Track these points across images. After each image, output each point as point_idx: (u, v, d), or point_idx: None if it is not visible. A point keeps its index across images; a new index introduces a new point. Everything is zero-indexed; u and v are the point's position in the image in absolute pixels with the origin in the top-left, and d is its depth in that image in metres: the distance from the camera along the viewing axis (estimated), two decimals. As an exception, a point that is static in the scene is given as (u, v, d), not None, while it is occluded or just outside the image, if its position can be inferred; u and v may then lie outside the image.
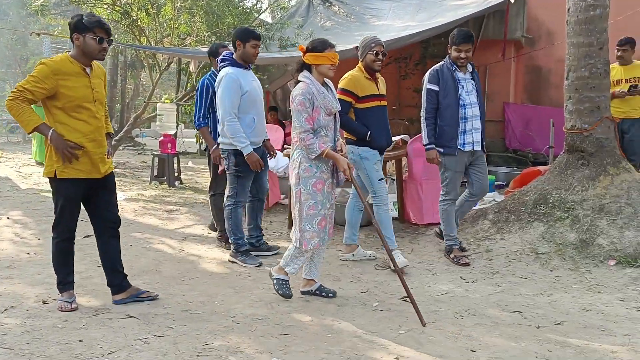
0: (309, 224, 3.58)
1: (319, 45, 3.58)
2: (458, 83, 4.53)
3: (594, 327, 3.35)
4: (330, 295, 3.79)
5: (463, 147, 4.56)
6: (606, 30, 4.92)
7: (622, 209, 4.65)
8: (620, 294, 3.90)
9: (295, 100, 3.52)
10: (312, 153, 3.51)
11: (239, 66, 4.49)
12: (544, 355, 2.95)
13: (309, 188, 3.56)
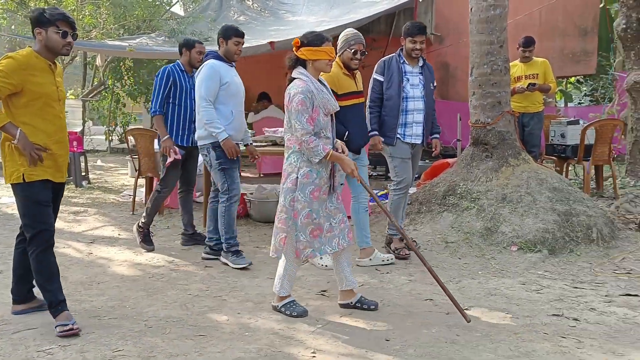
0: (303, 234, 3.31)
1: (315, 39, 3.32)
2: (404, 75, 4.53)
3: (498, 310, 3.53)
4: (372, 307, 3.50)
5: (403, 138, 4.58)
6: (505, 29, 5.21)
7: (522, 197, 4.95)
8: (521, 278, 4.15)
9: (295, 100, 3.23)
10: (317, 156, 3.23)
11: (223, 61, 4.45)
12: (452, 340, 3.08)
13: (307, 195, 3.29)
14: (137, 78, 9.96)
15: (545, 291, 3.88)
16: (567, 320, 3.38)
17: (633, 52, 6.64)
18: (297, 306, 3.42)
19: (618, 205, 5.93)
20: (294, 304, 3.44)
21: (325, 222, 3.37)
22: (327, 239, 3.38)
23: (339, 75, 4.21)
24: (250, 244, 5.06)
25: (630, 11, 6.52)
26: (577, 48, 10.51)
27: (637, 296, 3.77)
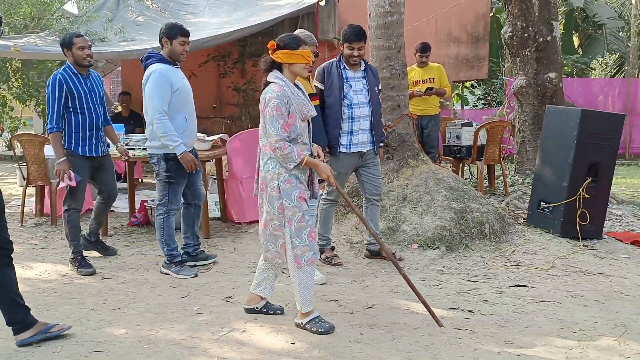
0: (299, 238, 3.20)
1: (292, 41, 3.22)
2: (345, 82, 4.38)
3: (400, 307, 3.65)
4: (278, 312, 3.49)
5: (349, 149, 4.40)
6: (402, 35, 5.39)
7: (422, 197, 5.14)
8: (421, 275, 4.31)
9: (270, 105, 3.12)
10: (291, 162, 3.15)
11: (168, 63, 4.18)
12: (356, 339, 3.13)
13: (294, 200, 3.19)
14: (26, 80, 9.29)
15: (443, 286, 4.05)
16: (462, 312, 3.55)
17: (519, 58, 7.11)
18: (323, 322, 3.24)
19: (508, 202, 6.33)
20: (320, 319, 3.25)
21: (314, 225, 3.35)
22: None
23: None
24: (152, 253, 4.87)
25: (516, 20, 6.97)
26: (471, 54, 11.13)
27: (525, 287, 4.04)
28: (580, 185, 5.10)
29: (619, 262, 4.63)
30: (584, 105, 11.81)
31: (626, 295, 3.89)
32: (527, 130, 7.17)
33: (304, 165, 3.20)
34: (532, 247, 4.95)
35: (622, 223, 6.01)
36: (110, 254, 4.78)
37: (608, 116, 5.48)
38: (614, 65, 18.67)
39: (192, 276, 4.22)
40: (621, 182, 9.22)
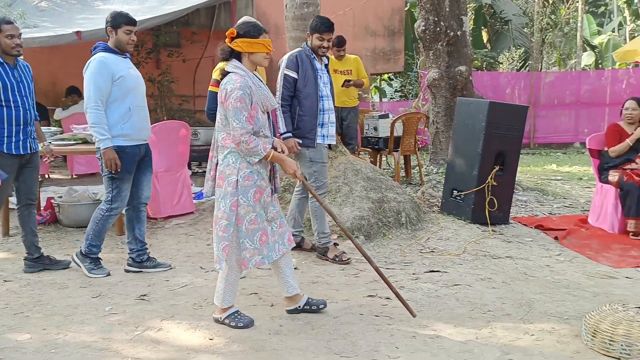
0: (250, 240, 3.07)
1: (252, 29, 3.04)
2: (317, 72, 4.32)
3: (320, 296, 3.66)
4: (321, 307, 3.36)
5: (323, 140, 4.38)
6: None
7: (340, 188, 5.20)
8: (342, 264, 4.36)
9: (233, 96, 2.95)
10: (256, 156, 3.01)
11: (114, 52, 3.92)
12: (276, 331, 3.12)
13: (250, 199, 3.04)
14: None
15: (362, 275, 4.12)
16: (380, 299, 3.63)
17: (431, 51, 7.35)
18: (242, 317, 3.17)
19: (423, 191, 6.54)
20: (239, 314, 3.18)
21: (268, 227, 3.17)
22: (272, 245, 3.18)
23: None
24: (60, 252, 4.61)
25: (428, 14, 7.20)
26: (387, 47, 11.39)
27: (439, 272, 4.19)
28: (488, 174, 5.36)
29: (524, 246, 4.91)
30: (493, 98, 12.43)
31: (530, 276, 4.13)
32: (440, 122, 7.44)
33: (269, 159, 3.09)
34: (446, 233, 5.15)
35: (527, 208, 6.39)
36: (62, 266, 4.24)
37: (513, 108, 5.78)
38: (520, 59, 19.78)
39: (104, 275, 4.03)
40: (526, 170, 9.80)
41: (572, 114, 13.90)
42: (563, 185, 8.28)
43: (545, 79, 13.96)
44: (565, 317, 3.34)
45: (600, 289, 3.86)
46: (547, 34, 18.00)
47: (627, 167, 5.39)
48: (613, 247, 4.94)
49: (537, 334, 3.11)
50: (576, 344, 2.98)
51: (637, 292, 3.81)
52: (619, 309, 2.96)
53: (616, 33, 21.28)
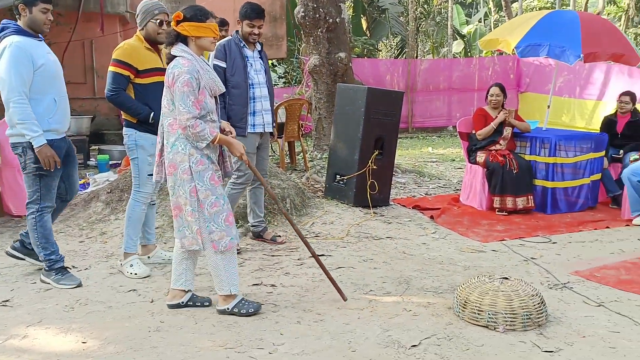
0: (215, 223, 3.04)
1: (199, 13, 3.01)
2: (247, 60, 4.25)
3: (203, 288, 3.57)
4: (206, 304, 3.27)
5: (254, 129, 4.30)
6: (195, 10, 5.21)
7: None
8: (225, 254, 4.28)
9: (180, 80, 2.90)
10: (204, 141, 2.96)
11: (28, 35, 3.39)
12: (156, 327, 2.99)
13: (207, 183, 3.01)
14: None
15: (247, 264, 4.08)
16: (265, 287, 3.61)
17: (312, 37, 7.40)
18: (250, 303, 3.17)
19: (308, 177, 6.61)
20: (246, 301, 3.17)
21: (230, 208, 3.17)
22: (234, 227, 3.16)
23: (139, 49, 3.74)
24: None
25: (307, 0, 7.23)
26: (269, 33, 11.33)
27: (323, 255, 4.25)
28: (369, 158, 5.52)
29: (403, 226, 5.14)
30: (374, 84, 12.85)
31: (409, 254, 4.33)
32: (322, 108, 7.54)
33: (217, 143, 3.05)
34: (330, 217, 5.24)
35: (406, 190, 6.69)
36: None
37: (390, 93, 5.98)
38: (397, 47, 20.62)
39: (75, 286, 3.59)
40: (405, 153, 10.27)
41: (446, 100, 14.74)
42: (438, 166, 8.77)
43: (421, 66, 14.65)
44: (439, 292, 3.54)
45: (470, 263, 4.14)
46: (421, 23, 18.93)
47: (492, 148, 5.81)
48: (482, 223, 5.32)
49: (415, 309, 3.26)
50: (449, 315, 3.16)
51: (502, 264, 4.13)
52: (485, 280, 3.18)
53: (482, 23, 22.88)
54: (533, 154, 5.78)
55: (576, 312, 3.23)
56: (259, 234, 4.62)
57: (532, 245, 4.61)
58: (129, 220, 3.83)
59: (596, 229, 5.13)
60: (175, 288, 3.27)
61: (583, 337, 2.90)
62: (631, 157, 5.63)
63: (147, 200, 3.86)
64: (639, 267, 4.02)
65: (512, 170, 5.54)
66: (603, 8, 20.59)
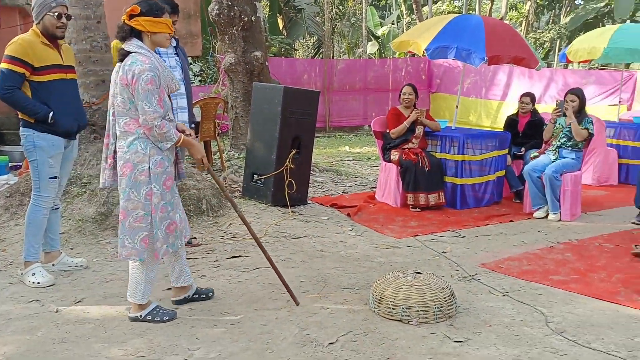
0: (160, 230, 2.95)
1: (155, 8, 2.91)
2: (160, 57, 3.87)
3: (114, 295, 3.43)
4: (210, 295, 3.35)
5: None
6: (102, 4, 4.99)
7: (135, 177, 4.91)
8: (138, 258, 4.12)
9: (143, 78, 2.79)
10: (169, 141, 2.90)
11: None
12: (62, 339, 2.83)
13: (161, 187, 2.93)
14: None
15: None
16: (180, 291, 3.50)
17: (227, 36, 7.30)
18: (165, 311, 3.08)
19: (225, 177, 6.51)
20: (160, 309, 3.08)
21: (176, 215, 3.05)
22: (179, 233, 3.08)
23: (34, 44, 3.46)
24: None
25: (222, -2, 7.12)
26: (183, 30, 11.01)
27: (240, 257, 4.20)
28: (286, 157, 5.52)
29: (320, 224, 5.18)
30: (291, 83, 12.87)
31: (326, 252, 4.37)
32: (239, 107, 7.46)
33: (180, 144, 2.99)
34: (248, 218, 5.18)
35: (324, 189, 6.75)
36: None
37: (306, 93, 6.01)
38: (313, 47, 20.78)
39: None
40: (322, 152, 10.37)
41: (361, 99, 15.04)
42: (354, 165, 8.93)
43: (337, 66, 14.85)
44: (356, 288, 3.60)
45: (385, 259, 4.24)
46: (336, 24, 19.19)
47: (405, 147, 5.99)
48: (396, 219, 5.47)
49: (332, 306, 3.30)
50: (365, 312, 3.22)
51: (416, 259, 4.27)
52: (399, 275, 3.27)
53: (395, 25, 23.56)
54: (443, 152, 6.02)
55: (483, 302, 3.40)
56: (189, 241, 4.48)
57: (443, 239, 4.80)
58: (29, 227, 3.60)
59: (501, 222, 5.42)
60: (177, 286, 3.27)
61: (489, 326, 3.06)
62: (531, 154, 6.00)
63: (48, 205, 3.65)
64: (539, 258, 4.30)
65: (424, 168, 5.73)
66: (505, 13, 21.82)
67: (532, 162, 5.73)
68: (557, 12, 23.30)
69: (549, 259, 4.27)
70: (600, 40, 7.41)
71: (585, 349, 2.81)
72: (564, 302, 3.42)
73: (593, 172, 7.31)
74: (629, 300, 3.44)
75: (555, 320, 3.14)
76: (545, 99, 13.97)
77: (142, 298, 3.02)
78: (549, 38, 20.46)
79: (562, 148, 5.64)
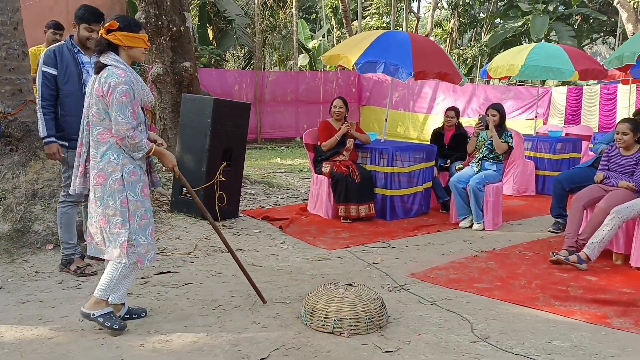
0: (143, 235, 3.04)
1: (133, 23, 3.03)
2: (82, 67, 3.95)
3: (31, 317, 3.23)
4: (143, 315, 3.27)
5: None
6: (19, 10, 4.75)
7: (55, 192, 4.67)
8: (58, 277, 3.92)
9: (118, 91, 2.89)
10: (141, 151, 2.98)
11: None
12: (-28, 368, 2.64)
13: (138, 194, 3.02)
14: None
15: (83, 286, 3.77)
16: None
17: (155, 46, 7.11)
18: (117, 320, 3.06)
19: (153, 190, 6.32)
20: (114, 315, 3.06)
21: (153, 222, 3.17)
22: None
23: None
24: None
25: (149, 7, 6.93)
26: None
27: (169, 273, 4.09)
28: (217, 170, 5.44)
29: (252, 237, 5.13)
30: (221, 95, 12.73)
31: (258, 266, 4.33)
32: (167, 118, 7.27)
33: (152, 154, 3.07)
34: (176, 232, 5.06)
35: (255, 201, 6.70)
36: None
37: (237, 105, 5.96)
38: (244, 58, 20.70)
39: None
40: (254, 164, 10.30)
41: (293, 111, 15.11)
42: (286, 177, 8.93)
43: (269, 77, 14.86)
44: (288, 302, 3.58)
45: (317, 271, 4.26)
46: (267, 36, 19.20)
47: (336, 159, 6.06)
48: (328, 231, 5.51)
49: (264, 321, 3.26)
50: (298, 325, 3.21)
51: (347, 270, 4.31)
52: (331, 287, 3.29)
53: (326, 38, 23.88)
54: (373, 164, 6.14)
55: (413, 312, 3.47)
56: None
57: (374, 250, 4.88)
58: None
59: (429, 232, 5.59)
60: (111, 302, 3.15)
61: (418, 335, 3.13)
62: (456, 166, 6.23)
63: None
64: (464, 267, 4.45)
65: (354, 180, 5.82)
66: (431, 30, 22.66)
67: (457, 173, 5.95)
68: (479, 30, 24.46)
69: (473, 267, 4.43)
70: (518, 58, 7.83)
71: (508, 353, 2.93)
72: (488, 309, 3.56)
73: (513, 183, 7.67)
74: (547, 306, 3.62)
75: (480, 327, 3.26)
76: (468, 112, 14.62)
77: (104, 294, 3.05)
78: (472, 55, 21.42)
79: (484, 160, 5.90)
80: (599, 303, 3.66)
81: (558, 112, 13.89)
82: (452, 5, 21.59)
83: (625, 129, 4.74)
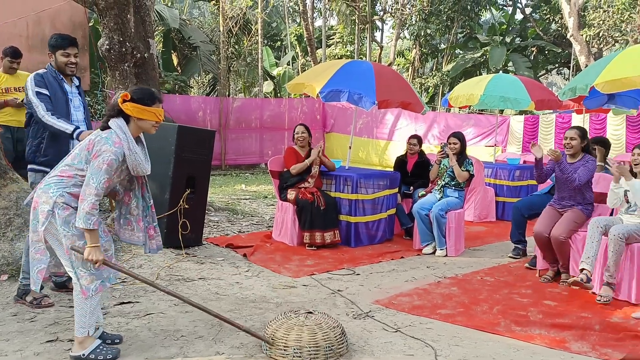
0: (84, 268, 2.95)
1: (147, 97, 3.06)
2: (67, 95, 3.96)
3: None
4: (117, 341, 3.23)
5: None
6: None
7: (12, 220, 4.54)
8: (13, 309, 3.78)
9: (103, 157, 2.89)
10: (84, 224, 2.84)
11: None
12: None
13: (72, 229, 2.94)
14: None
15: (39, 317, 3.64)
16: (62, 343, 3.25)
17: (118, 72, 7.05)
18: (108, 349, 3.05)
19: (113, 217, 6.19)
20: (104, 347, 3.05)
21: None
22: None
23: None
24: None
25: (112, 33, 6.89)
26: (70, 63, 10.55)
27: (130, 303, 3.99)
28: (180, 197, 5.38)
29: (216, 265, 5.07)
30: (186, 121, 12.68)
31: (222, 295, 4.27)
32: (130, 144, 7.19)
33: (88, 239, 2.89)
34: (138, 261, 4.96)
35: (219, 228, 6.65)
36: None
37: (201, 132, 5.94)
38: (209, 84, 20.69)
39: None
40: (218, 190, 10.23)
41: (258, 137, 15.14)
42: (251, 204, 8.90)
43: (233, 104, 14.88)
44: (252, 331, 3.54)
45: (282, 299, 4.23)
46: (232, 63, 19.27)
47: (301, 186, 6.08)
48: (293, 258, 5.49)
49: (228, 351, 3.22)
50: (260, 355, 3.17)
51: (312, 298, 4.30)
52: (292, 316, 3.27)
53: (290, 66, 24.12)
54: (338, 191, 6.18)
55: (377, 339, 3.48)
56: (64, 284, 4.16)
57: (339, 277, 4.89)
58: None
59: (393, 259, 5.63)
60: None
61: (383, 362, 3.13)
62: (419, 193, 6.33)
63: None
64: (428, 293, 4.50)
65: (319, 206, 5.84)
66: (394, 59, 23.16)
67: (420, 200, 6.05)
68: (440, 60, 25.13)
69: (437, 293, 4.48)
70: (477, 88, 8.09)
71: (471, 380, 2.96)
72: (451, 335, 3.60)
73: (474, 209, 7.84)
74: (508, 331, 3.68)
75: (444, 354, 3.28)
76: (429, 138, 14.92)
77: (84, 331, 3.00)
78: (433, 84, 21.95)
79: (446, 187, 6.02)
80: (557, 328, 3.74)
81: (516, 139, 14.33)
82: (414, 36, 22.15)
83: (573, 134, 4.97)
